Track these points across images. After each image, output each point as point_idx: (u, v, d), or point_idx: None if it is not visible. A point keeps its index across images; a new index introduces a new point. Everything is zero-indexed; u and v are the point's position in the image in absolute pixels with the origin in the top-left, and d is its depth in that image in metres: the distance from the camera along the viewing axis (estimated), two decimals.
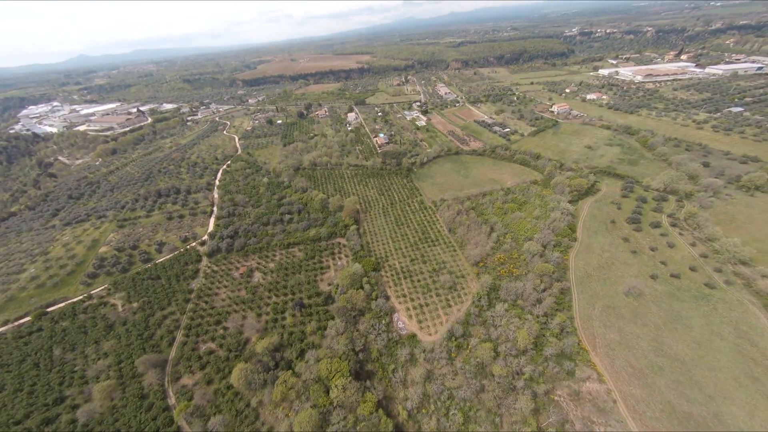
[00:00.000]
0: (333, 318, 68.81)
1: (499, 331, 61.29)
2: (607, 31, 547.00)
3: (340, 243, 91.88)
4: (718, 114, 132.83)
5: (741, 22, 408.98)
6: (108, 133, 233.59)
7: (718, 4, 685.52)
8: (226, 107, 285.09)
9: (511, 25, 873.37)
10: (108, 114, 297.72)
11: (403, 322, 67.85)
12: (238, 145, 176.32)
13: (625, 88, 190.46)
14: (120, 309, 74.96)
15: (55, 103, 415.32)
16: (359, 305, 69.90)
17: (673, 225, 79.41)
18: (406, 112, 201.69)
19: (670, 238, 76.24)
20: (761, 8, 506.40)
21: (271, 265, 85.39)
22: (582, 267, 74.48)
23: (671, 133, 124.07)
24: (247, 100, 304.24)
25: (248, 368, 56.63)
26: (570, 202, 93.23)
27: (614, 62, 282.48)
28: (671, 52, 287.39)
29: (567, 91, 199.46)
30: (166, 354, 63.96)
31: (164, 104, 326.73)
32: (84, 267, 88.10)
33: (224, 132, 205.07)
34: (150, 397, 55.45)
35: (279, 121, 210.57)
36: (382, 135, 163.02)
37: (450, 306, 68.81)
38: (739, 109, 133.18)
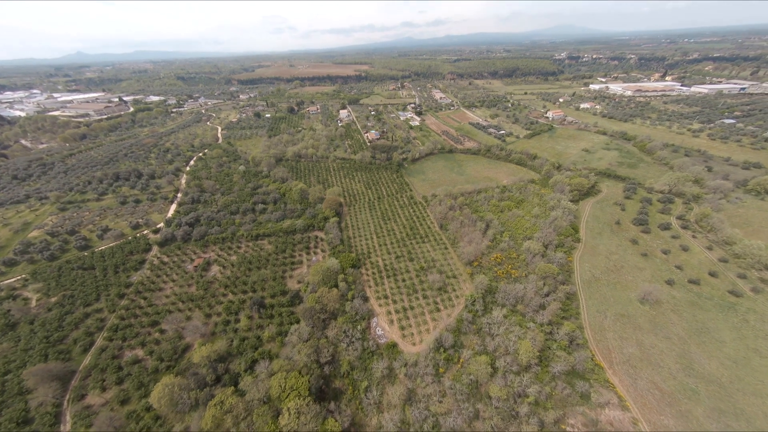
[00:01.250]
0: (298, 321, 56.75)
1: (497, 342, 50.69)
2: (594, 56, 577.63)
3: (317, 236, 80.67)
4: (712, 124, 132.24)
5: (715, 54, 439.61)
6: (81, 119, 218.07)
7: (692, 40, 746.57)
8: (215, 101, 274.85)
9: (504, 48, 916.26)
10: (88, 102, 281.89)
11: (383, 328, 56.36)
12: (219, 135, 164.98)
13: (617, 99, 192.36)
14: (33, 304, 60.43)
15: (34, 91, 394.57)
16: (331, 306, 58.17)
17: (685, 227, 72.54)
18: (400, 113, 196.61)
19: (682, 240, 68.97)
20: (730, 45, 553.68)
21: (233, 257, 73.06)
22: (588, 270, 65.75)
23: (668, 140, 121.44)
24: (238, 96, 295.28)
25: (176, 384, 43.50)
26: (571, 201, 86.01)
27: (603, 80, 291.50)
28: (656, 74, 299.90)
29: (560, 100, 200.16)
30: (76, 363, 49.92)
31: (151, 96, 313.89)
32: (3, 253, 73.05)
33: (208, 123, 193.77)
34: (35, 422, 41.20)
35: (267, 115, 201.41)
36: (373, 131, 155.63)
37: (439, 310, 58.05)
38: (731, 121, 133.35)
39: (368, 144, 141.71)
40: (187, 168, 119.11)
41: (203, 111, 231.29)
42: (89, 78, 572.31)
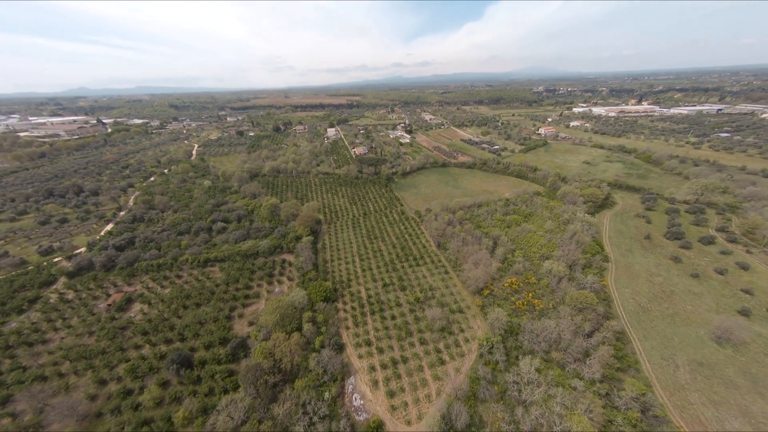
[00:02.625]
0: (238, 388, 38.10)
1: (534, 416, 33.25)
2: (569, 89, 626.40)
3: (284, 260, 64.02)
4: (708, 138, 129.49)
5: (677, 87, 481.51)
6: (48, 139, 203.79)
7: (652, 78, 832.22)
8: (201, 123, 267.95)
9: (486, 83, 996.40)
10: (63, 123, 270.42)
11: (363, 394, 38.15)
12: (194, 153, 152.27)
13: (604, 119, 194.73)
14: None
15: (13, 115, 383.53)
16: (288, 362, 40.05)
17: (732, 241, 60.17)
18: (390, 131, 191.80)
19: (736, 257, 56.09)
20: (687, 81, 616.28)
21: (167, 290, 54.88)
22: (630, 297, 50.99)
23: (670, 152, 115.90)
24: (226, 119, 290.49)
25: None
26: (587, 214, 73.97)
27: (584, 105, 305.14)
28: (633, 100, 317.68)
29: (549, 119, 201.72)
30: None
31: (134, 119, 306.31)
32: None
33: (185, 141, 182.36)
34: None
35: (251, 134, 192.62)
36: (361, 147, 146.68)
37: (443, 362, 40.75)
38: (726, 134, 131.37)
39: (355, 158, 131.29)
40: (144, 184, 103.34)
41: (184, 131, 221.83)
42: (80, 106, 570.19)
